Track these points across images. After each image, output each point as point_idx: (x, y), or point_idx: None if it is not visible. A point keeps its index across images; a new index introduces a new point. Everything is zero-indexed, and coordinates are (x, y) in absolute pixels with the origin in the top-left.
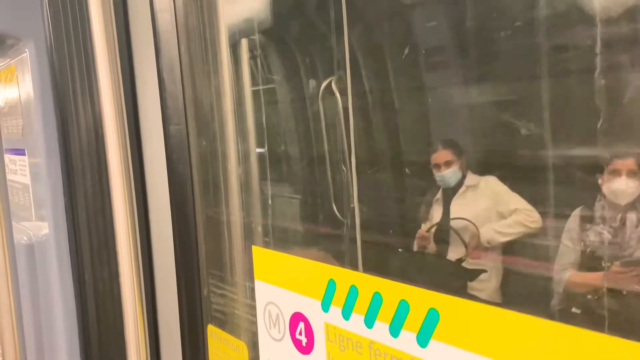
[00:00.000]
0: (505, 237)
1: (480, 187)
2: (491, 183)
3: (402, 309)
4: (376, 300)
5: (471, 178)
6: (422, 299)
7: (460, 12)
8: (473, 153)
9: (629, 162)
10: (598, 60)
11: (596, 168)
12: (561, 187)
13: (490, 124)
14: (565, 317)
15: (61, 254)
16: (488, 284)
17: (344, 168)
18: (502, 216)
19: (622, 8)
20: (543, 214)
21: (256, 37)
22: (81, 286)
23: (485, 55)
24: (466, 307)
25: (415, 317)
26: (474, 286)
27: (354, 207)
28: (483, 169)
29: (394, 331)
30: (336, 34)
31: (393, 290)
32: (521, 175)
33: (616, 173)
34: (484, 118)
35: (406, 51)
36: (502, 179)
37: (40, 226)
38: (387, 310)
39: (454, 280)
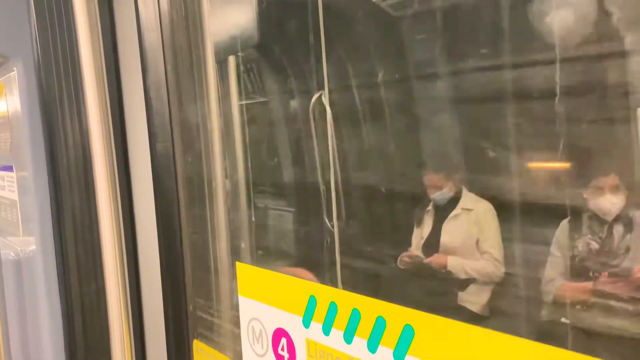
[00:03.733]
0: (467, 276)
1: (474, 214)
2: (484, 214)
3: (379, 325)
4: (354, 317)
5: (467, 200)
6: (397, 315)
7: (433, 40)
8: (455, 171)
9: (611, 179)
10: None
11: (583, 183)
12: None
13: (467, 145)
14: (554, 327)
15: (48, 270)
16: (478, 297)
17: (324, 186)
18: (476, 251)
19: (580, 39)
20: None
21: (241, 54)
22: (68, 301)
23: (463, 78)
24: (440, 324)
25: (392, 333)
26: (464, 297)
27: (333, 224)
28: (470, 187)
29: (372, 347)
30: (316, 52)
31: (370, 307)
32: (505, 194)
33: (599, 190)
34: (463, 139)
35: (381, 74)
36: (483, 195)
37: (28, 242)
38: (365, 326)
39: (443, 289)
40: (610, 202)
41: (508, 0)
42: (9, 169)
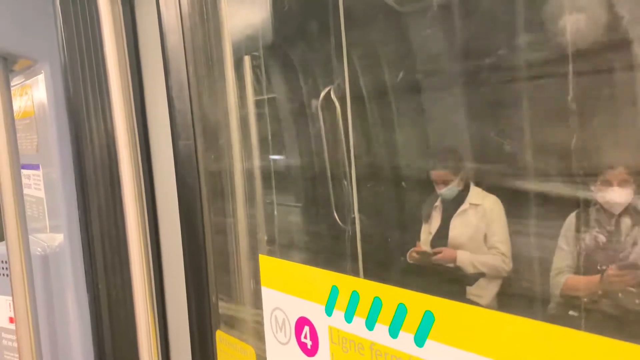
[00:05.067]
0: (476, 270)
1: (482, 209)
2: (492, 209)
3: (400, 312)
4: (376, 304)
5: (475, 195)
6: (418, 302)
7: (449, 39)
8: (468, 166)
9: (619, 172)
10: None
11: (590, 176)
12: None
13: (480, 140)
14: (562, 320)
15: (75, 264)
16: (486, 291)
17: (345, 180)
18: (484, 246)
19: (592, 38)
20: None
21: (259, 53)
22: (95, 294)
23: (476, 75)
24: (459, 309)
25: (413, 319)
26: (472, 292)
27: (354, 217)
28: (478, 181)
29: (393, 332)
30: (336, 47)
31: (392, 295)
32: (513, 186)
33: (607, 183)
34: (475, 134)
35: (401, 74)
36: (492, 190)
37: (55, 237)
38: (387, 313)
39: (452, 283)
40: (617, 195)
41: None
42: (35, 167)
